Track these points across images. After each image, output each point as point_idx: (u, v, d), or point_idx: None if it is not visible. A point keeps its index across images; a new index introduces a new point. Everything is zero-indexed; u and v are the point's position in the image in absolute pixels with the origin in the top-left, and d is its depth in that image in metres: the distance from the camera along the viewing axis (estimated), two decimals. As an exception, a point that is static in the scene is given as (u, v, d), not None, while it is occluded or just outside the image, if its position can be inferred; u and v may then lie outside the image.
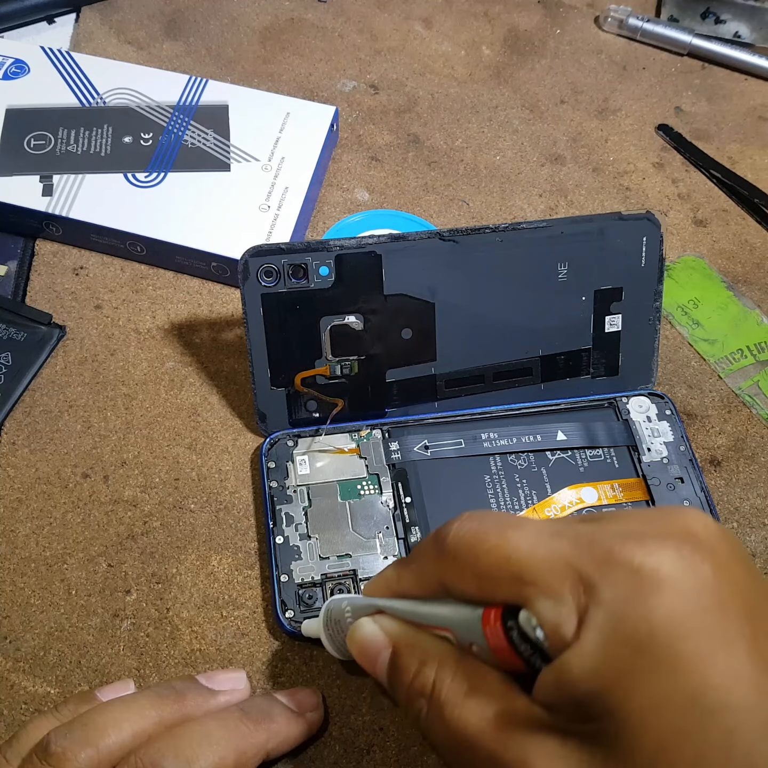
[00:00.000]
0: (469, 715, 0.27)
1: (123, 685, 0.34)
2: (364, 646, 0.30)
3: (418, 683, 0.28)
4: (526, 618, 0.25)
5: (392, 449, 0.41)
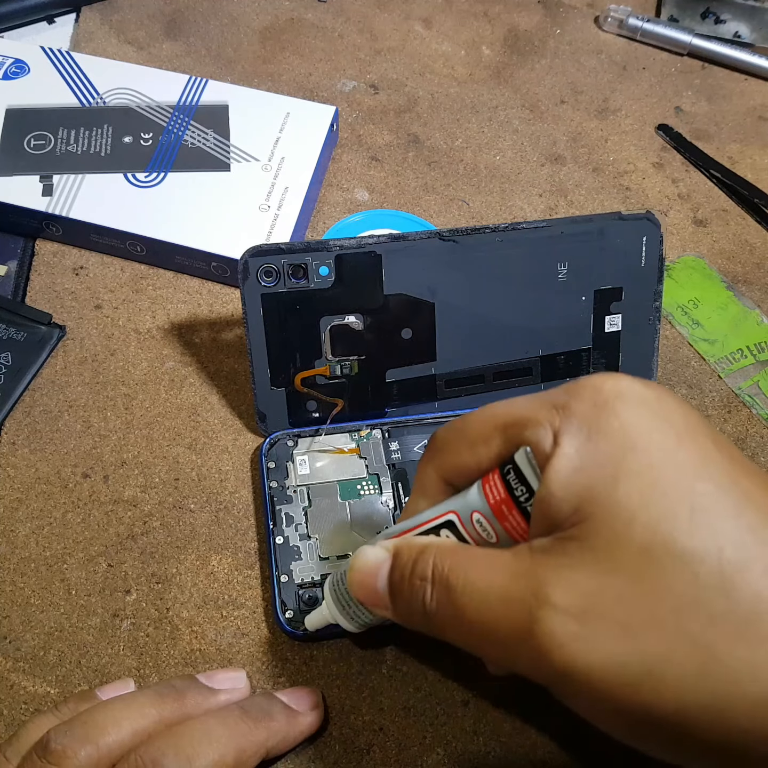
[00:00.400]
0: (474, 573, 0.27)
1: (123, 685, 0.35)
2: (365, 564, 0.30)
3: (419, 569, 0.28)
4: (520, 454, 0.27)
5: (392, 449, 0.41)
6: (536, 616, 0.25)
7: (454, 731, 0.36)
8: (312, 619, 0.35)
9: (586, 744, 0.36)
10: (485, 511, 0.28)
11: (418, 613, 0.28)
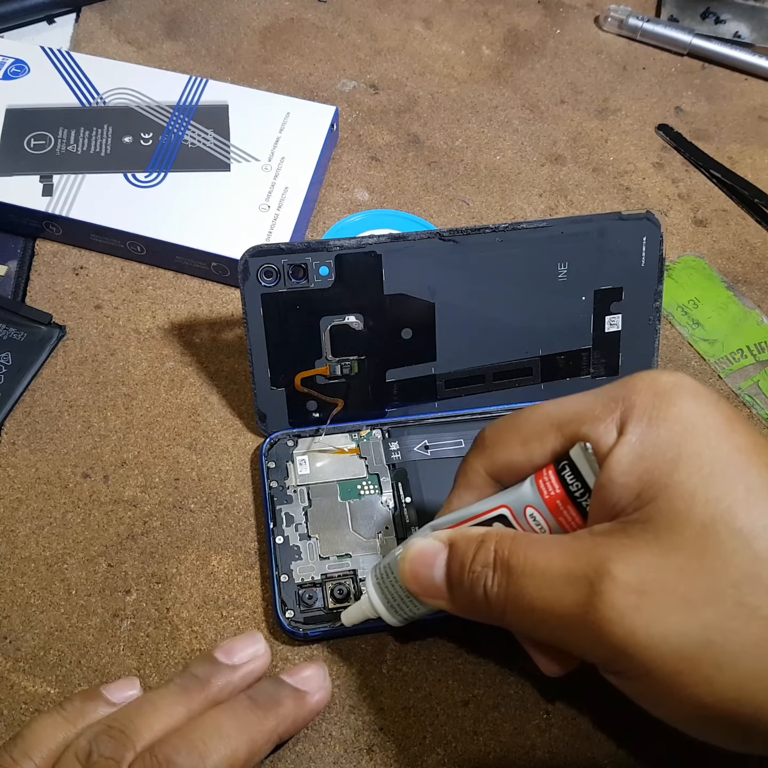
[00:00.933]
0: (535, 555, 0.28)
1: (128, 683, 0.34)
2: (421, 554, 0.31)
3: (480, 557, 0.29)
4: (576, 450, 0.28)
5: (392, 449, 0.41)
6: (598, 589, 0.26)
7: (454, 731, 0.36)
8: (350, 614, 0.35)
9: (586, 744, 0.36)
10: (539, 505, 0.29)
11: (479, 600, 0.29)
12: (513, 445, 0.31)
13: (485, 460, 0.32)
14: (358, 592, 0.37)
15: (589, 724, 0.36)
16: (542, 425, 0.30)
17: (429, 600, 0.31)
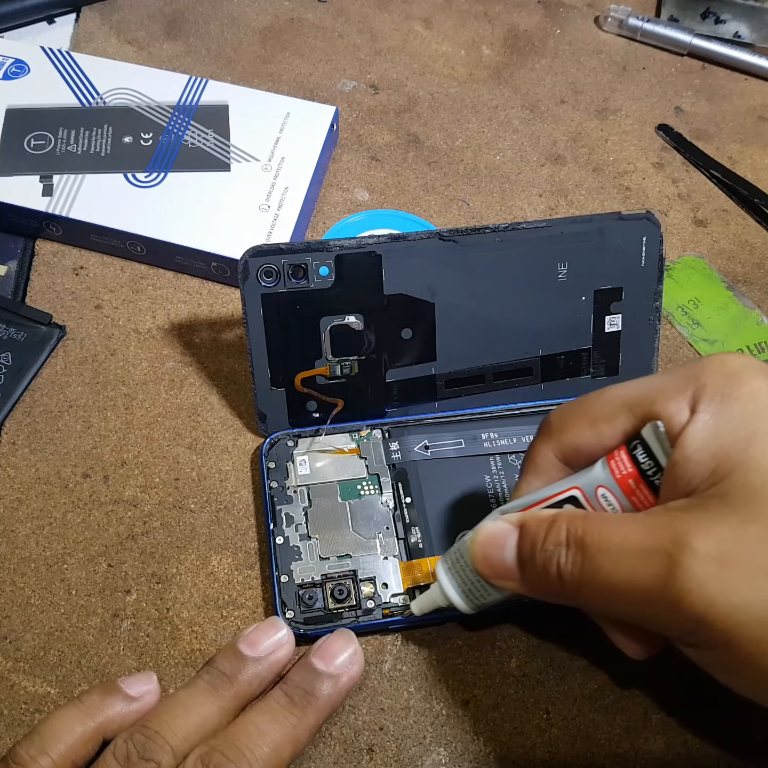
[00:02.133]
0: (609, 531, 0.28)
1: (146, 678, 0.34)
2: (491, 536, 0.31)
3: (552, 536, 0.29)
4: (647, 429, 0.29)
5: (392, 449, 0.41)
6: (677, 561, 0.26)
7: (454, 731, 0.36)
8: (421, 602, 0.35)
9: (586, 744, 0.36)
10: (611, 485, 0.30)
11: (552, 579, 0.29)
12: (582, 428, 0.31)
13: (553, 444, 0.32)
14: (358, 593, 0.37)
15: (589, 724, 0.36)
16: (612, 406, 0.31)
17: (500, 582, 0.31)
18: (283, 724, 0.32)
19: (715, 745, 0.36)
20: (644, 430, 0.29)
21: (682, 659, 0.37)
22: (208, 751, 0.31)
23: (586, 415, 0.32)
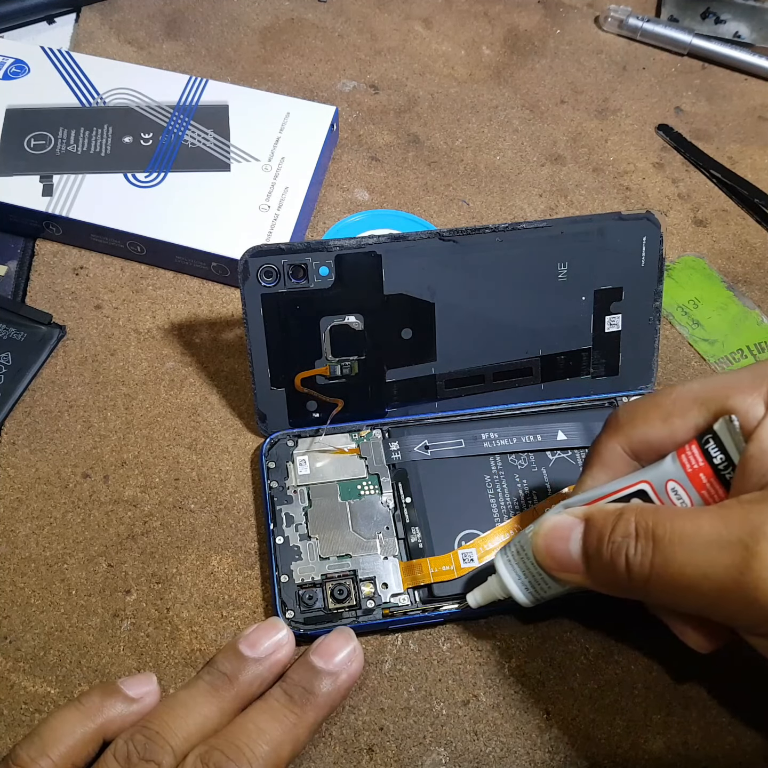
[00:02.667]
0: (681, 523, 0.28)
1: (146, 679, 0.34)
2: (555, 529, 0.31)
3: (620, 528, 0.29)
4: (720, 423, 0.29)
5: (392, 449, 0.41)
6: (754, 551, 0.26)
7: (454, 731, 0.36)
8: (478, 595, 0.36)
9: (586, 744, 0.36)
10: (682, 479, 0.30)
11: (619, 571, 0.29)
12: (653, 422, 0.32)
13: (622, 438, 0.33)
14: (358, 592, 0.37)
15: (589, 724, 0.36)
16: (685, 401, 0.31)
17: (563, 575, 0.31)
18: (283, 723, 0.32)
19: (715, 745, 0.36)
20: (717, 425, 0.30)
21: (682, 659, 0.37)
22: (208, 750, 0.31)
23: (659, 409, 0.32)
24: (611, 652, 0.38)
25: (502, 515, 0.39)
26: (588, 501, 0.32)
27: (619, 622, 0.38)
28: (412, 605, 0.37)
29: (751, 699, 0.37)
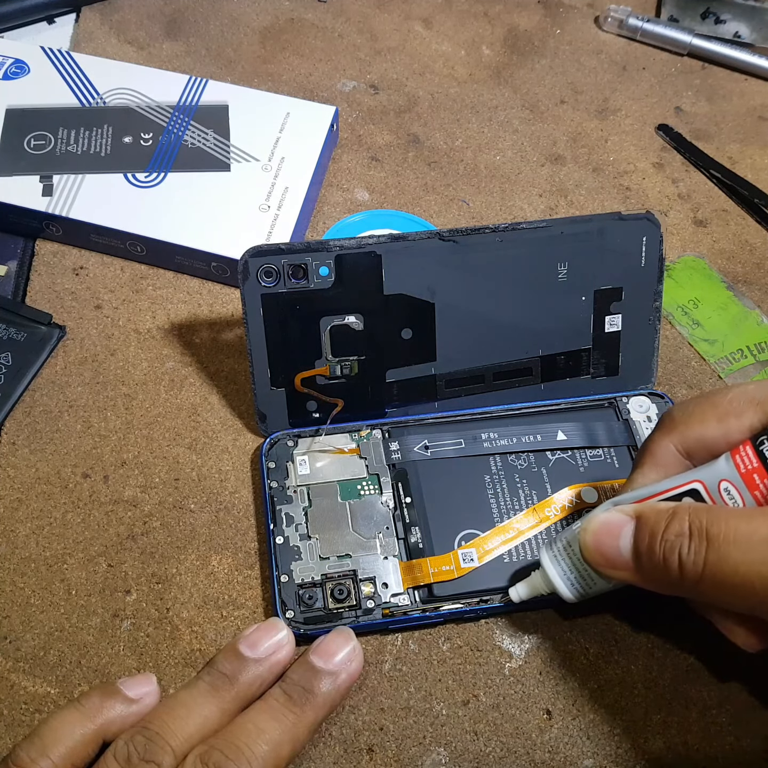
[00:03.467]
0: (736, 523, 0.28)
1: (145, 679, 0.34)
2: (605, 526, 0.31)
3: (673, 527, 0.29)
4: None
5: (392, 449, 0.41)
6: None
7: (454, 731, 0.36)
8: (521, 589, 0.36)
9: (586, 744, 0.36)
10: (735, 479, 0.30)
11: (671, 569, 0.29)
12: (708, 422, 0.32)
13: (676, 436, 0.33)
14: (358, 592, 0.37)
15: (589, 724, 0.36)
16: (740, 402, 0.31)
17: (611, 571, 0.32)
18: (282, 722, 0.32)
19: (715, 745, 0.36)
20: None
21: (682, 659, 0.37)
22: (207, 750, 0.31)
23: (715, 409, 0.32)
24: (611, 652, 0.38)
25: (502, 515, 0.39)
26: (638, 499, 0.32)
27: (619, 622, 0.38)
28: (412, 605, 0.37)
29: (751, 699, 0.37)
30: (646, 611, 0.38)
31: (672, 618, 0.38)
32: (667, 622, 0.38)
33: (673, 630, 0.38)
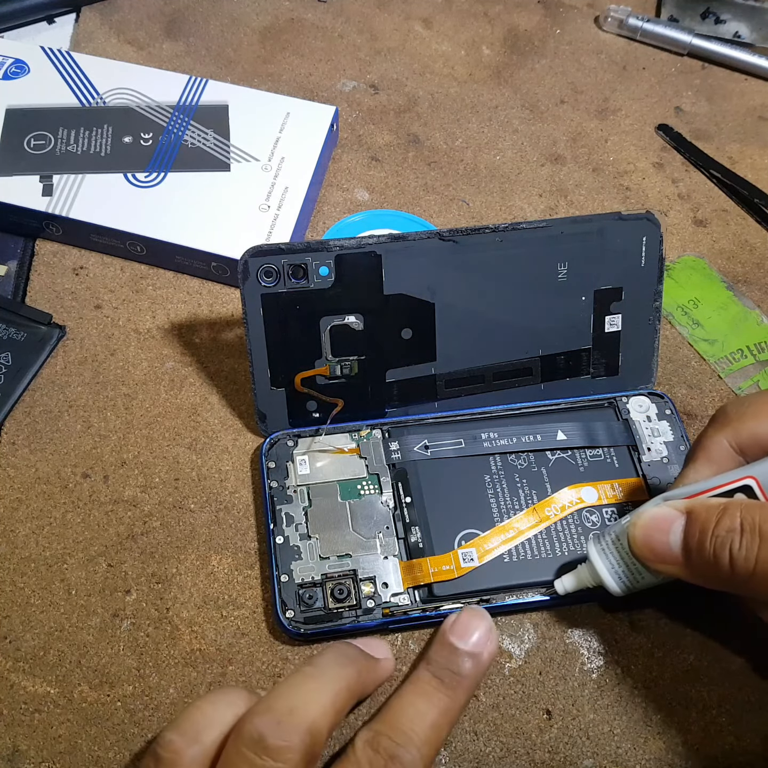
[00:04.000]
0: None
1: None
2: (655, 521, 0.32)
3: (725, 522, 0.29)
4: None
5: (392, 449, 0.41)
6: None
7: (454, 731, 0.36)
8: (567, 582, 0.36)
9: (586, 744, 0.36)
10: None
11: (722, 565, 0.29)
12: (762, 418, 0.32)
13: (730, 432, 0.33)
14: (358, 592, 0.37)
15: (589, 725, 0.36)
16: None
17: (660, 566, 0.32)
18: (439, 706, 0.32)
19: (715, 745, 0.36)
20: None
21: (682, 659, 0.37)
22: (374, 736, 0.31)
23: None
24: (611, 652, 0.38)
25: (501, 515, 0.39)
26: (689, 494, 0.32)
27: (619, 622, 0.38)
28: (412, 605, 0.37)
29: (751, 699, 0.37)
30: (645, 611, 0.39)
31: (672, 618, 0.38)
32: (668, 622, 0.38)
33: (673, 630, 0.38)
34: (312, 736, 0.29)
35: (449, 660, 0.34)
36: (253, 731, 0.29)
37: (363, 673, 0.33)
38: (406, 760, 0.30)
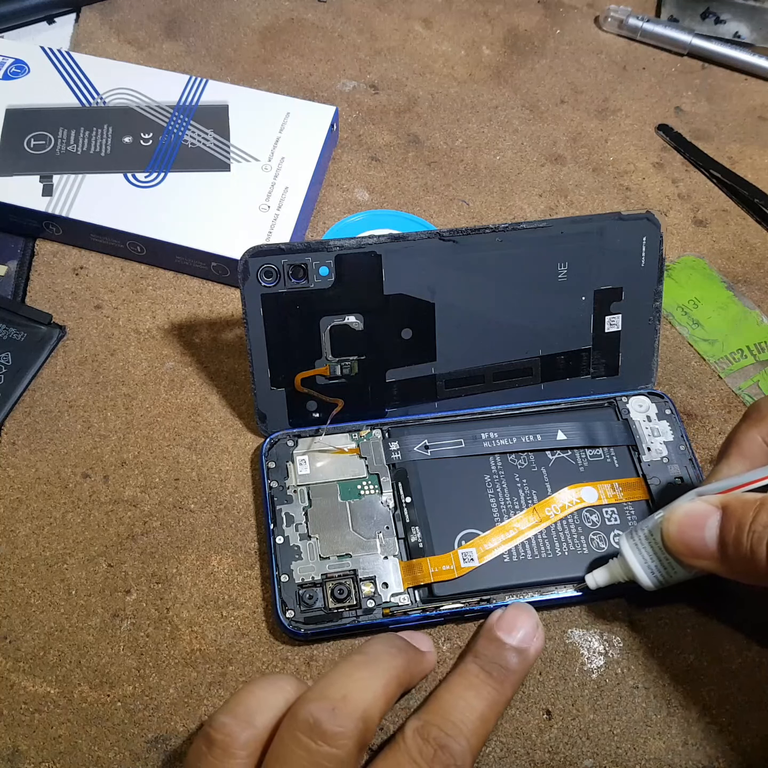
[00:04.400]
0: None
1: None
2: (689, 516, 0.32)
3: (762, 518, 0.30)
4: None
5: (392, 449, 0.41)
6: None
7: (454, 731, 0.36)
8: (598, 576, 0.36)
9: (586, 744, 0.36)
10: None
11: (758, 561, 0.30)
12: None
13: (763, 428, 0.33)
14: (358, 592, 0.37)
15: (589, 725, 0.36)
16: None
17: (695, 561, 0.32)
18: (487, 699, 0.33)
19: (715, 745, 0.36)
20: None
21: (681, 658, 0.37)
22: (424, 725, 0.31)
23: None
24: (611, 652, 0.38)
25: (502, 515, 0.39)
26: (723, 489, 0.32)
27: (619, 622, 0.38)
28: (412, 605, 0.37)
29: (751, 699, 0.37)
30: (645, 611, 0.39)
31: (672, 618, 0.38)
32: (668, 622, 0.38)
33: (673, 630, 0.38)
34: (365, 723, 0.30)
35: (497, 654, 0.34)
36: (309, 716, 0.29)
37: (411, 664, 0.34)
38: (455, 750, 0.30)
